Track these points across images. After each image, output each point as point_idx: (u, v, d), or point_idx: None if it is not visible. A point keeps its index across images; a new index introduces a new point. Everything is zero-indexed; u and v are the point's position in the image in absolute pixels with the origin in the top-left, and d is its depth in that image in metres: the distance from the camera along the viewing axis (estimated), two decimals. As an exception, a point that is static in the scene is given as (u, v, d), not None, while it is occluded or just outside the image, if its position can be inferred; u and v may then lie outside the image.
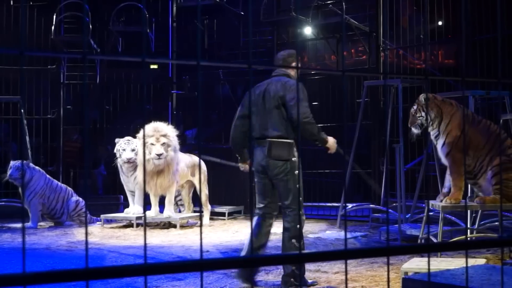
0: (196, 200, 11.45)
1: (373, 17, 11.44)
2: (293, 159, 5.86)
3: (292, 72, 5.92)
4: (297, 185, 5.73)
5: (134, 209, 10.73)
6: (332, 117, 12.00)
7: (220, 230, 10.11)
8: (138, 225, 10.38)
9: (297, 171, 5.80)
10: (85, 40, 11.65)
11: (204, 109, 13.83)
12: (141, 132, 10.00)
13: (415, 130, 7.17)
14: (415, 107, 7.20)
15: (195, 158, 11.02)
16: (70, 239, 9.14)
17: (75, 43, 13.12)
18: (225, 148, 12.48)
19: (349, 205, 10.54)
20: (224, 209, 11.59)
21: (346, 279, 2.07)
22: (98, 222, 10.80)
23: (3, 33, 13.13)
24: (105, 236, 9.49)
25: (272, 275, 6.19)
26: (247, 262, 1.95)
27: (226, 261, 2.04)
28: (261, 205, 6.05)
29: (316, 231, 9.58)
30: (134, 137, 10.50)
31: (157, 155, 9.76)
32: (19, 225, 10.91)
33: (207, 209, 11.00)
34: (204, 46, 13.77)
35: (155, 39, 13.70)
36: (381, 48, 11.15)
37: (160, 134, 9.86)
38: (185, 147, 11.74)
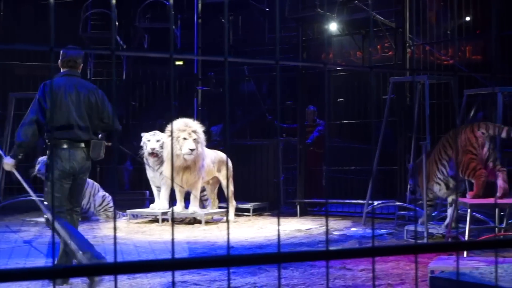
0: (221, 196, 11.46)
1: (399, 12, 11.34)
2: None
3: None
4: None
5: (159, 205, 10.78)
6: (357, 114, 11.95)
7: (245, 226, 10.11)
8: (163, 220, 10.42)
9: None
10: (113, 36, 11.71)
11: (229, 105, 13.83)
12: (171, 126, 10.02)
13: (410, 195, 8.76)
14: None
15: (221, 154, 11.03)
16: (97, 234, 9.20)
17: (102, 39, 13.19)
18: (250, 144, 12.49)
19: (375, 203, 10.49)
20: (249, 205, 11.59)
21: (374, 277, 2.05)
22: (124, 217, 10.86)
23: (31, 30, 13.25)
24: (131, 231, 9.53)
25: (298, 272, 6.18)
26: (273, 258, 1.94)
27: (253, 257, 2.03)
28: (67, 208, 6.16)
29: (341, 228, 9.54)
30: (162, 131, 10.55)
31: (190, 150, 9.78)
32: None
33: (232, 205, 11.00)
34: (229, 42, 13.77)
35: (180, 35, 13.73)
36: (407, 44, 11.06)
37: (191, 129, 9.90)
38: (211, 143, 11.76)
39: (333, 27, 11.82)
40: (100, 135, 6.14)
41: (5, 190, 12.28)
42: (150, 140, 10.72)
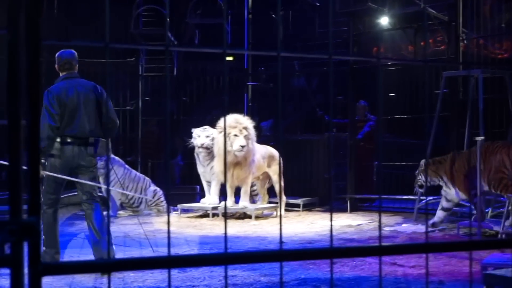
0: (271, 191, 11.48)
1: (452, 6, 11.17)
2: None
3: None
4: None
5: (210, 199, 10.85)
6: (409, 109, 11.83)
7: (295, 221, 10.11)
8: (214, 215, 10.49)
9: None
10: (166, 32, 11.83)
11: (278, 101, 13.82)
12: (222, 122, 10.08)
13: (418, 189, 9.13)
14: (417, 171, 9.13)
15: (271, 150, 11.04)
16: (148, 228, 9.31)
17: (153, 36, 13.32)
18: (300, 139, 12.47)
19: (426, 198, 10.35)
20: (299, 200, 11.58)
21: (427, 273, 2.04)
22: (175, 212, 10.96)
23: (83, 27, 13.46)
24: (182, 225, 9.62)
25: (348, 267, 6.16)
26: (326, 253, 1.94)
27: (305, 252, 2.04)
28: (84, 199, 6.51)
29: (392, 224, 9.46)
30: (212, 127, 10.62)
31: (241, 146, 9.83)
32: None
33: (282, 200, 11.01)
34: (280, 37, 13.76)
35: (230, 31, 13.79)
36: (460, 38, 10.89)
37: (242, 126, 9.94)
38: (261, 138, 11.78)
39: (384, 21, 11.71)
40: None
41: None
42: (200, 135, 10.82)
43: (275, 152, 11.03)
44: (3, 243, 1.50)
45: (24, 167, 1.56)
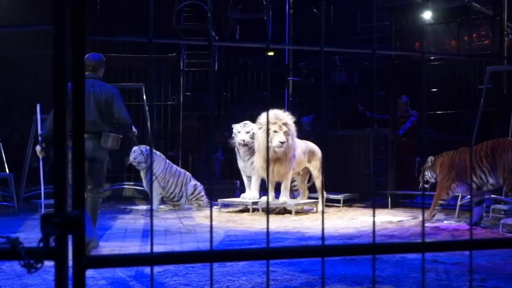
0: (311, 186, 11.46)
1: (496, 0, 11.00)
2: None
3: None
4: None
5: (250, 194, 10.87)
6: (452, 104, 11.68)
7: (335, 217, 10.07)
8: (254, 210, 10.51)
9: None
10: (209, 27, 11.88)
11: (320, 96, 13.77)
12: (262, 118, 10.09)
13: (424, 184, 9.46)
14: (424, 166, 9.38)
15: (311, 145, 11.02)
16: (189, 222, 9.37)
17: (194, 31, 13.38)
18: (341, 134, 12.42)
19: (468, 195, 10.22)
20: (340, 196, 11.54)
21: (471, 270, 2.01)
22: (215, 206, 11.01)
23: (124, 22, 13.58)
24: (222, 220, 9.65)
25: (388, 264, 6.11)
26: (368, 249, 1.93)
27: (347, 247, 2.03)
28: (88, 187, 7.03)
29: (433, 221, 9.36)
30: (253, 122, 10.64)
31: (281, 142, 9.83)
32: (140, 207, 11.30)
33: (321, 195, 10.98)
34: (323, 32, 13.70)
35: (271, 26, 13.78)
36: (505, 32, 10.71)
37: (282, 122, 9.93)
38: (301, 133, 11.76)
39: (427, 15, 11.57)
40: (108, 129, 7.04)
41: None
42: (240, 131, 10.84)
43: (315, 148, 11.00)
44: (48, 236, 1.52)
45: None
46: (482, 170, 8.65)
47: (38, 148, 7.52)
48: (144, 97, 12.18)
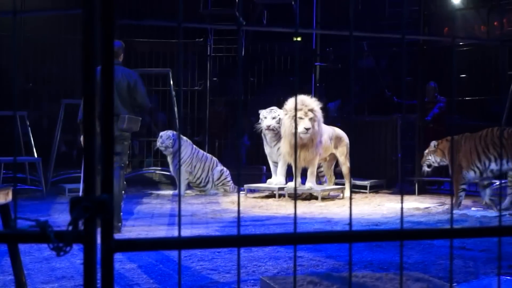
0: (337, 172, 11.43)
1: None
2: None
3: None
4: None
5: (276, 180, 10.87)
6: (480, 90, 11.56)
7: (362, 203, 10.05)
8: (280, 195, 10.52)
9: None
10: (238, 12, 11.88)
11: (347, 81, 13.70)
12: (288, 103, 10.08)
13: (426, 168, 9.59)
14: (426, 150, 9.58)
15: (338, 131, 10.98)
16: (215, 208, 9.41)
17: (221, 16, 13.38)
18: (368, 120, 12.36)
19: (497, 182, 10.13)
20: (366, 182, 11.49)
21: (500, 257, 1.99)
22: (241, 192, 11.03)
23: (151, 7, 13.61)
24: (248, 205, 9.68)
25: (415, 250, 6.09)
26: (395, 235, 1.92)
27: (374, 233, 2.02)
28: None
29: (461, 208, 9.30)
30: (279, 108, 10.63)
31: (306, 129, 9.80)
32: (167, 192, 11.37)
33: (348, 181, 10.95)
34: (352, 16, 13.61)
35: (298, 10, 13.71)
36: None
37: (308, 108, 9.89)
38: (328, 119, 11.72)
39: (456, 0, 11.44)
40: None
41: (128, 164, 12.75)
42: (267, 117, 10.83)
43: (342, 134, 10.97)
44: (77, 219, 1.53)
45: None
46: (487, 157, 9.04)
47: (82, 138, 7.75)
48: (171, 82, 12.24)
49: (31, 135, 10.87)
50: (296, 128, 1.79)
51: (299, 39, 13.85)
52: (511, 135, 8.99)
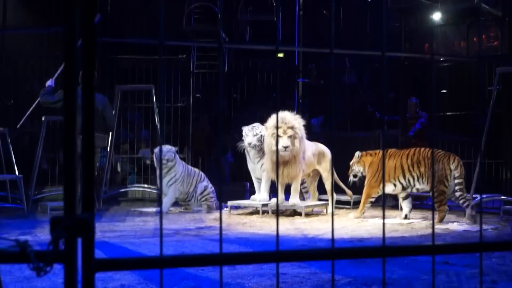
0: (320, 188, 11.44)
1: (505, 1, 10.96)
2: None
3: None
4: None
5: (260, 196, 10.86)
6: (461, 105, 11.64)
7: (345, 219, 10.05)
8: (263, 212, 10.50)
9: None
10: (219, 29, 11.92)
11: (330, 97, 13.76)
12: (269, 121, 10.12)
13: (352, 178, 10.32)
14: (351, 161, 10.24)
15: (321, 147, 11.01)
16: (199, 225, 9.37)
17: (204, 32, 13.40)
18: (351, 136, 12.39)
19: (479, 196, 10.18)
20: (351, 198, 11.49)
21: (481, 272, 1.99)
22: (225, 209, 11.00)
23: (134, 24, 13.60)
24: (232, 222, 9.65)
25: (398, 266, 6.09)
26: (378, 251, 1.92)
27: (357, 250, 2.02)
28: None
29: (444, 222, 9.33)
30: (263, 124, 10.64)
31: (284, 147, 9.82)
32: (149, 209, 11.30)
33: (331, 198, 10.95)
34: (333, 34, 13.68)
35: (281, 27, 13.78)
36: (515, 34, 10.67)
37: (287, 126, 9.90)
38: (311, 135, 11.75)
39: (436, 16, 11.54)
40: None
41: (110, 181, 12.70)
42: (248, 134, 10.84)
43: (325, 149, 10.99)
44: (58, 239, 1.51)
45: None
46: (411, 175, 9.68)
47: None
48: (154, 99, 12.22)
49: (12, 152, 10.79)
50: (277, 145, 1.79)
51: (281, 55, 13.91)
52: (435, 155, 9.53)
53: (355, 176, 10.28)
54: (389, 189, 9.93)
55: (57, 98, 9.11)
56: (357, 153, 10.30)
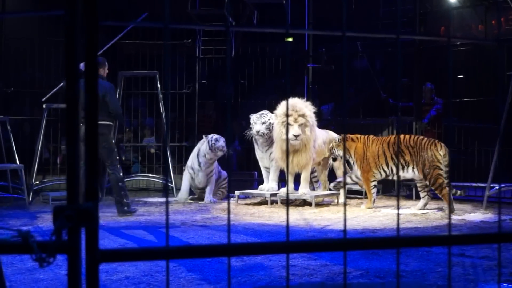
0: (332, 177, 11.44)
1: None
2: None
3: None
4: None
5: (268, 186, 10.88)
6: (479, 91, 11.59)
7: (357, 209, 10.06)
8: (272, 202, 10.52)
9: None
10: (227, 12, 11.91)
11: (341, 83, 13.73)
12: (279, 109, 10.12)
13: (331, 161, 10.58)
14: (331, 144, 10.47)
15: (332, 134, 11.01)
16: (205, 215, 9.39)
17: (210, 16, 13.38)
18: (363, 123, 12.37)
19: (497, 186, 10.17)
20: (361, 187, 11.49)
21: (499, 264, 2.00)
22: (232, 198, 11.03)
23: (139, 7, 13.60)
24: (240, 212, 9.67)
25: (412, 258, 6.10)
26: (391, 242, 1.92)
27: (370, 241, 2.02)
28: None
29: (460, 213, 9.32)
30: (271, 111, 10.65)
31: (294, 136, 9.83)
32: (154, 199, 11.33)
33: (344, 187, 10.95)
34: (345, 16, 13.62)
35: (289, 10, 13.73)
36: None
37: (298, 114, 9.90)
38: (321, 122, 11.74)
39: (453, -2, 11.48)
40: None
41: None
42: (256, 122, 10.82)
43: (336, 137, 10.99)
44: (60, 229, 1.52)
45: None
46: (394, 164, 10.00)
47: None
48: (159, 85, 12.22)
49: (12, 141, 10.82)
50: (287, 134, 1.80)
51: (290, 39, 13.86)
52: (417, 142, 9.78)
53: (334, 159, 10.47)
54: (378, 175, 10.20)
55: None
56: (337, 137, 10.59)
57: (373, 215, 9.32)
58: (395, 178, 10.25)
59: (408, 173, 9.88)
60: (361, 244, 1.88)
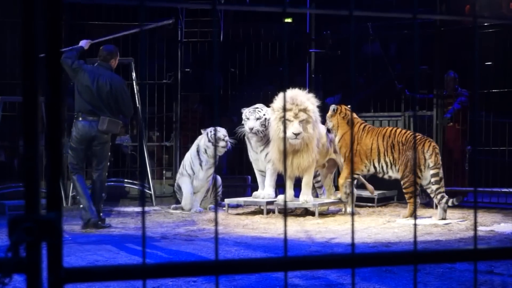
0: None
1: None
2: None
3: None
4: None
5: (264, 193, 10.87)
6: (510, 81, 11.60)
7: (368, 219, 10.07)
8: (268, 211, 10.51)
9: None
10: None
11: (348, 71, 13.73)
12: (276, 102, 10.08)
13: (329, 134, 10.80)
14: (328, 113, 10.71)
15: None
16: (190, 227, 9.39)
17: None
18: (375, 118, 12.39)
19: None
20: (374, 194, 11.51)
21: (535, 284, 2.00)
22: (222, 208, 11.02)
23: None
24: (230, 223, 9.67)
25: (433, 276, 6.11)
26: (406, 258, 1.92)
27: (381, 256, 2.02)
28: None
29: (488, 223, 9.35)
30: (267, 105, 10.62)
31: (294, 134, 9.76)
32: (130, 209, 11.32)
33: (352, 193, 10.96)
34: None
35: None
36: None
37: (299, 108, 9.84)
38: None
39: (479, -28, 11.51)
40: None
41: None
42: (250, 118, 10.78)
43: (332, 107, 10.96)
44: (18, 244, 1.52)
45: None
46: (385, 161, 10.37)
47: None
48: (134, 75, 12.21)
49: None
50: (285, 132, 1.79)
51: (289, 20, 13.86)
52: (409, 140, 10.16)
53: (328, 130, 10.76)
54: (365, 169, 10.60)
55: (76, 65, 9.20)
56: (333, 107, 10.75)
57: (387, 226, 9.34)
58: (385, 177, 10.53)
59: (395, 173, 10.35)
60: (372, 260, 1.88)
